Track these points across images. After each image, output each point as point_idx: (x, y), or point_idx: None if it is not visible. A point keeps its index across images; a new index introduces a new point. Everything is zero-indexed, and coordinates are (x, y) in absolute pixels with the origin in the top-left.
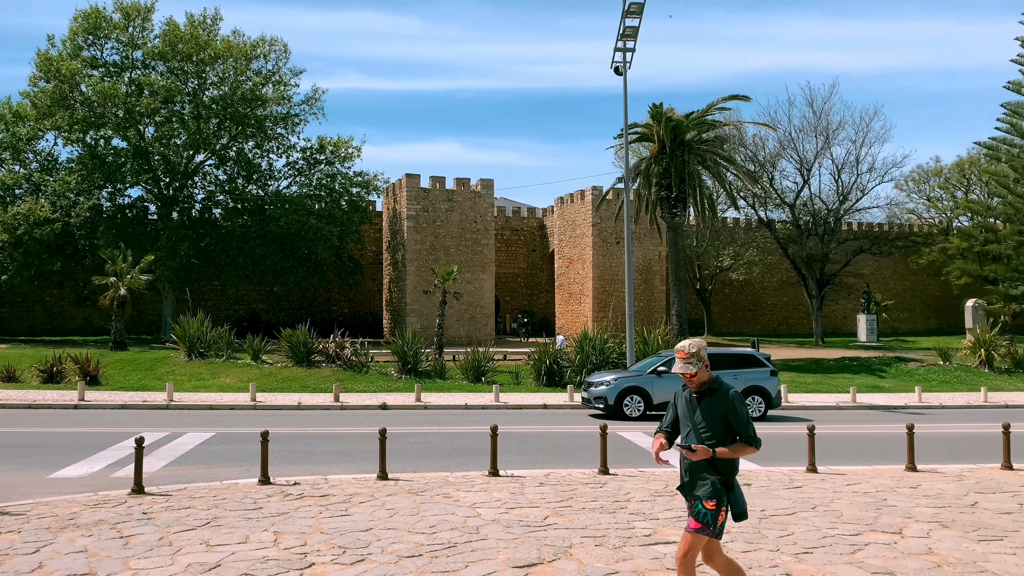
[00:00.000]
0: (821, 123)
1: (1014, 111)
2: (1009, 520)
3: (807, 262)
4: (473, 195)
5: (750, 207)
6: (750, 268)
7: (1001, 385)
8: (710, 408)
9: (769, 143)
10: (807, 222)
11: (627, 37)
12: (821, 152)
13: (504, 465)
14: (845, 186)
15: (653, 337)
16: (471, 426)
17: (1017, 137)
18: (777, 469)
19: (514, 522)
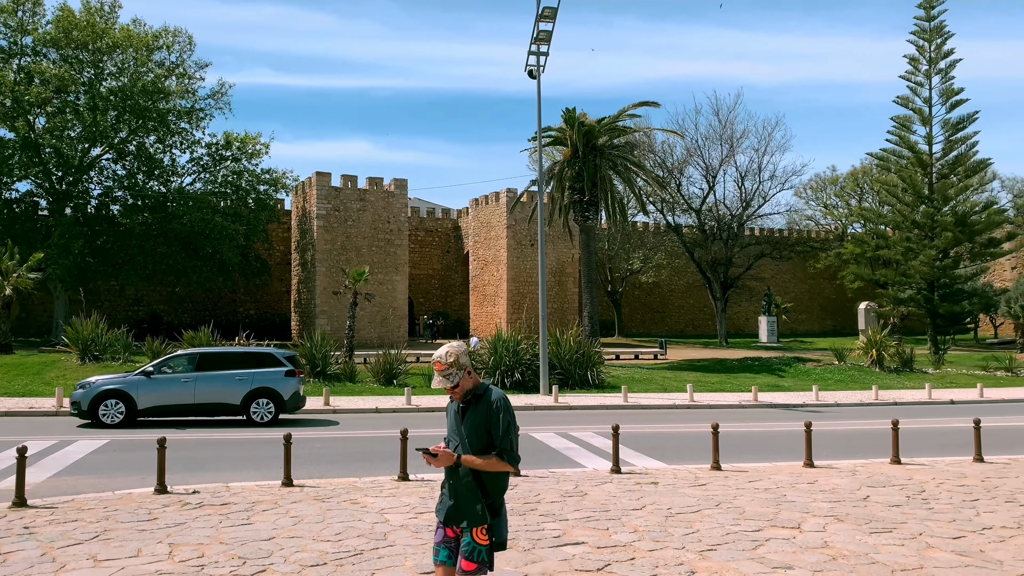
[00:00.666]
0: (726, 131)
1: (902, 125)
2: (898, 512)
3: (712, 266)
4: (386, 195)
5: (659, 212)
6: (659, 271)
7: (891, 383)
8: (475, 418)
9: (677, 150)
10: (712, 227)
11: (541, 41)
12: (726, 159)
13: (414, 469)
14: (748, 193)
15: (566, 338)
16: (381, 430)
17: (905, 149)
18: (683, 467)
19: (423, 527)
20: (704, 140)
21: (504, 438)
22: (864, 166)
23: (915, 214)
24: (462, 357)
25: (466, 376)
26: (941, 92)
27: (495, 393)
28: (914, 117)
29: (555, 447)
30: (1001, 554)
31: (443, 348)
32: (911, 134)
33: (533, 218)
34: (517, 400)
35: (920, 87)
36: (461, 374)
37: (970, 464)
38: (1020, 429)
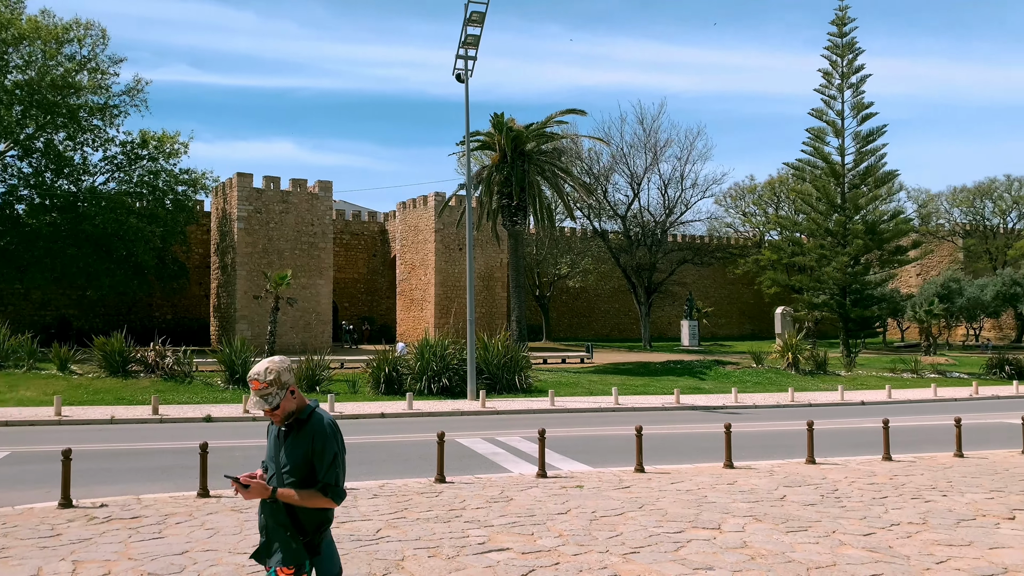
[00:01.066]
0: (650, 140)
1: (817, 136)
2: (813, 511)
3: (637, 271)
4: (310, 197)
5: (586, 218)
6: (585, 276)
7: (805, 385)
8: (297, 446)
9: (603, 157)
10: (637, 233)
11: (469, 45)
12: (650, 167)
13: None
14: (671, 200)
15: (493, 343)
16: None
17: (819, 160)
18: (608, 470)
19: (344, 537)
20: (629, 148)
21: (329, 471)
22: (781, 176)
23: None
24: (284, 374)
25: (288, 397)
26: (853, 106)
27: (322, 418)
28: (828, 129)
29: (481, 453)
30: (908, 549)
31: (262, 363)
32: (825, 145)
33: (462, 222)
34: (444, 405)
35: (833, 100)
36: (283, 394)
37: (880, 463)
38: (925, 428)
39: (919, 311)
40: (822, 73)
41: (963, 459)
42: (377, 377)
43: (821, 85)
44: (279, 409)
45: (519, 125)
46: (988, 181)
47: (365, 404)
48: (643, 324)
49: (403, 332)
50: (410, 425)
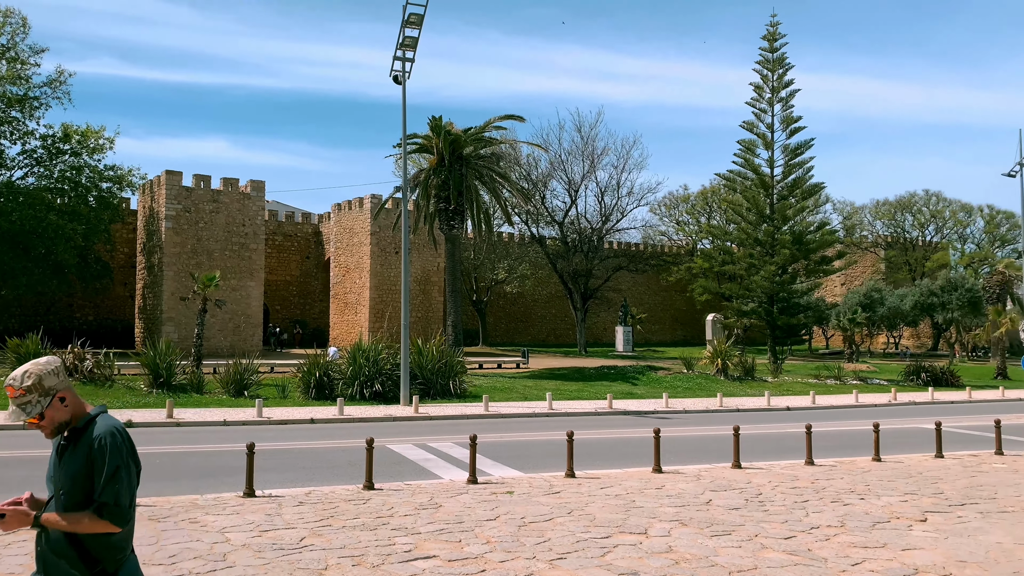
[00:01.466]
0: (588, 148)
1: (748, 148)
2: (737, 515)
3: (573, 277)
4: (242, 197)
5: (524, 223)
6: (523, 281)
7: (734, 391)
8: (73, 461)
9: (542, 163)
10: (574, 239)
11: (406, 47)
12: (587, 175)
13: (262, 484)
14: (607, 208)
15: (428, 348)
16: (228, 444)
17: (750, 171)
18: (539, 475)
19: (267, 546)
20: (567, 155)
21: (107, 489)
22: (713, 186)
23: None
24: (48, 378)
25: (56, 405)
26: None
27: (103, 425)
28: (758, 141)
29: (412, 459)
30: (826, 552)
31: (21, 367)
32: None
33: (398, 225)
34: (376, 411)
35: (764, 114)
36: (47, 401)
37: (802, 467)
38: (846, 433)
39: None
40: (754, 87)
41: (881, 463)
42: (307, 382)
43: (752, 98)
44: (45, 420)
45: (457, 129)
46: (908, 195)
47: (294, 409)
48: (579, 330)
49: (336, 336)
50: (340, 431)
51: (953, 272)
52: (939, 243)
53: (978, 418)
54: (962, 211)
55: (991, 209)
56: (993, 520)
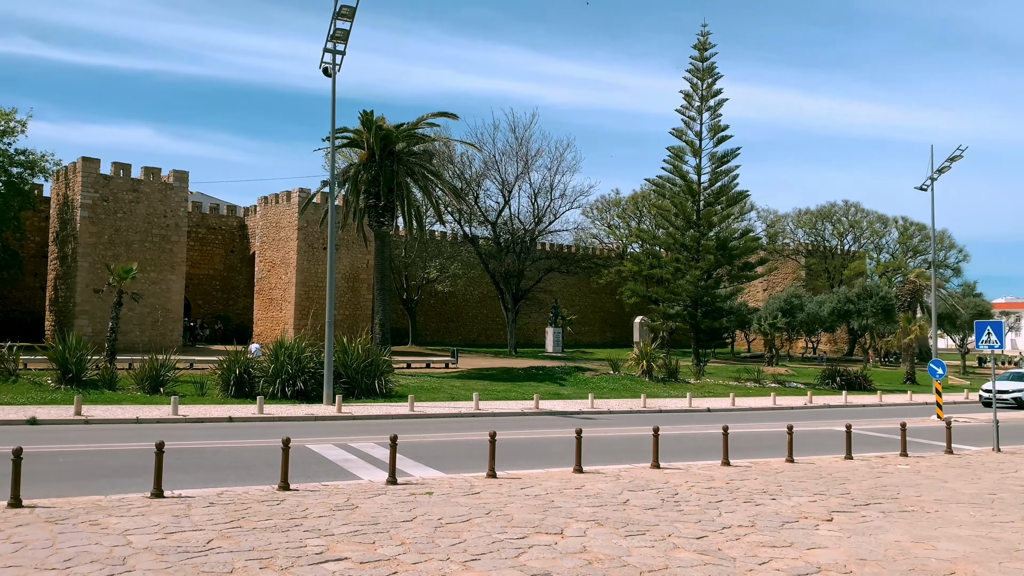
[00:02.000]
0: (522, 149)
1: (676, 155)
2: (652, 515)
3: (505, 277)
4: (164, 187)
5: (456, 222)
6: (454, 281)
7: (658, 392)
8: None
9: (476, 163)
10: (507, 240)
11: (337, 39)
12: (521, 176)
13: (173, 485)
14: (540, 209)
15: (354, 346)
16: (139, 443)
17: (678, 177)
18: (460, 476)
19: (171, 548)
20: (501, 155)
21: None
22: (643, 191)
23: (684, 237)
24: None
25: None
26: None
27: None
28: (687, 149)
29: (332, 459)
30: (735, 551)
31: None
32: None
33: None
34: (298, 410)
35: (693, 121)
36: None
37: (719, 467)
38: (763, 435)
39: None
40: (683, 95)
41: (794, 464)
42: (227, 379)
43: (682, 106)
44: None
45: (389, 124)
46: (829, 205)
47: (212, 407)
48: (510, 330)
49: (260, 333)
50: (259, 430)
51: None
52: (856, 252)
53: (887, 421)
54: (878, 222)
55: (905, 221)
56: (894, 519)
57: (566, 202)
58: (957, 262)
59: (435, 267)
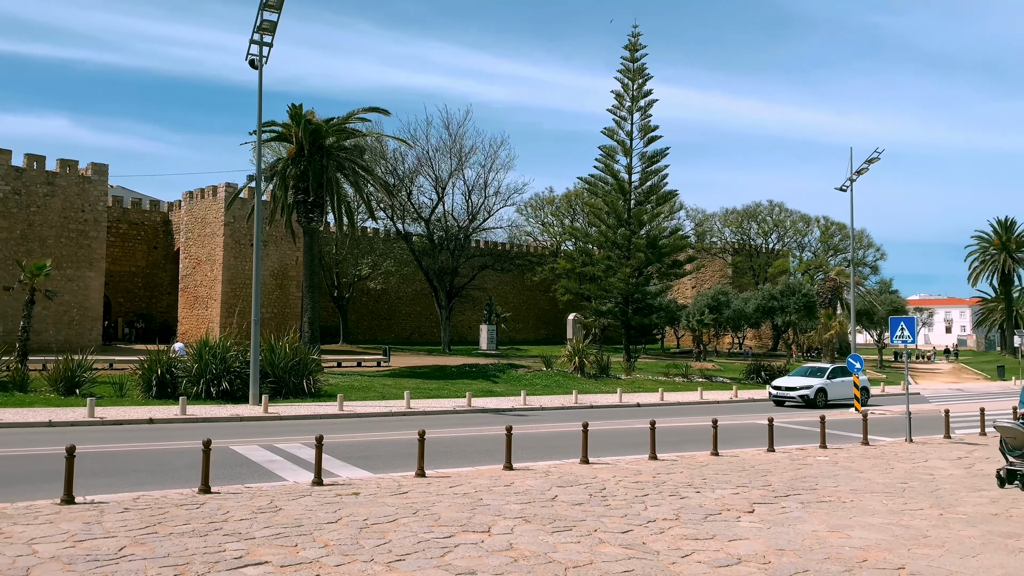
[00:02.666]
0: (456, 146)
1: (608, 154)
2: (579, 511)
3: (439, 275)
4: (82, 180)
5: (389, 219)
6: (387, 278)
7: (589, 388)
8: None
9: (409, 159)
10: (441, 237)
11: (264, 31)
12: (455, 173)
13: (86, 490)
14: (474, 206)
15: (281, 345)
16: (51, 447)
17: (609, 176)
18: (388, 475)
19: (79, 557)
20: (435, 152)
21: None
22: (577, 189)
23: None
24: None
25: None
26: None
27: None
28: (618, 148)
29: (256, 460)
30: (659, 544)
31: None
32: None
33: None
34: (223, 411)
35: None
36: None
37: (646, 462)
38: (690, 428)
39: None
40: (615, 95)
41: (718, 457)
42: (148, 379)
43: (614, 106)
44: None
45: (319, 118)
46: (754, 205)
47: (132, 409)
48: (444, 328)
49: (186, 331)
50: (182, 432)
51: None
52: (780, 250)
53: (809, 414)
54: (801, 221)
55: (826, 220)
56: (812, 509)
57: (500, 199)
58: (875, 260)
59: (367, 264)
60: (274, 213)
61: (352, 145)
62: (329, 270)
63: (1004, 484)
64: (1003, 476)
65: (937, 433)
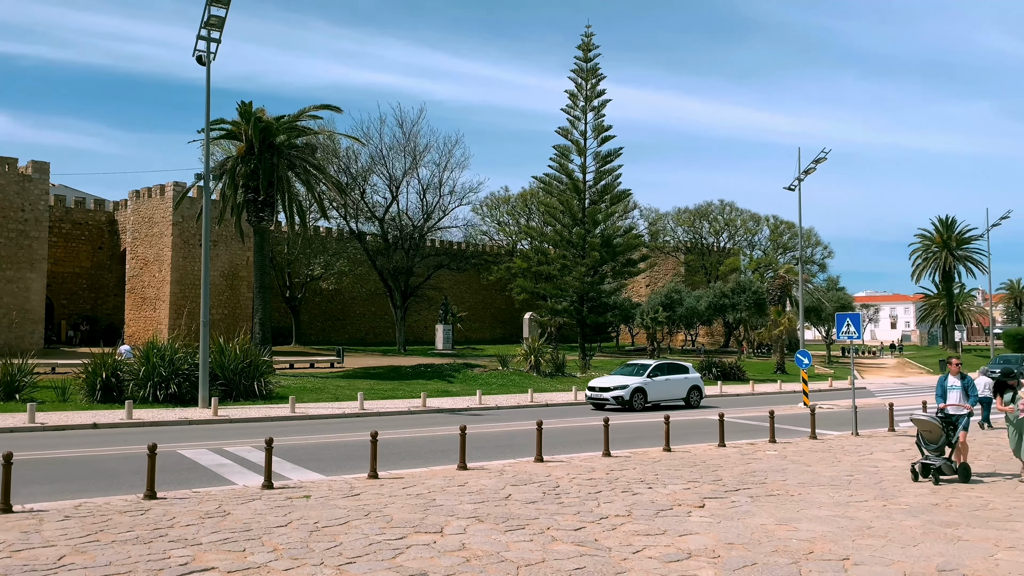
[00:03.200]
0: (410, 144)
1: (562, 153)
2: (533, 509)
3: (393, 274)
4: (21, 179)
5: (342, 218)
6: (340, 278)
7: (545, 387)
8: None
9: (362, 158)
10: (395, 236)
11: (212, 26)
12: (409, 171)
13: (26, 498)
14: (429, 205)
15: (231, 346)
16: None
17: (564, 176)
18: (340, 478)
19: (16, 568)
20: (388, 150)
21: None
22: (532, 188)
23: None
24: None
25: None
26: (594, 127)
27: None
28: (572, 147)
29: (205, 464)
30: (611, 541)
31: None
32: (570, 163)
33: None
34: (171, 414)
35: (578, 121)
36: None
37: (600, 459)
38: (643, 424)
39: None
40: (569, 95)
41: (671, 453)
42: (92, 383)
43: (567, 106)
44: None
45: (269, 116)
46: (706, 204)
47: (76, 414)
48: (399, 328)
49: (133, 334)
50: (127, 436)
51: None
52: (732, 249)
53: (758, 409)
54: (751, 220)
55: (776, 219)
56: (761, 503)
57: (455, 199)
58: (823, 258)
59: (320, 264)
60: (224, 212)
61: (304, 143)
62: (281, 270)
63: (918, 478)
64: (917, 471)
65: (882, 426)
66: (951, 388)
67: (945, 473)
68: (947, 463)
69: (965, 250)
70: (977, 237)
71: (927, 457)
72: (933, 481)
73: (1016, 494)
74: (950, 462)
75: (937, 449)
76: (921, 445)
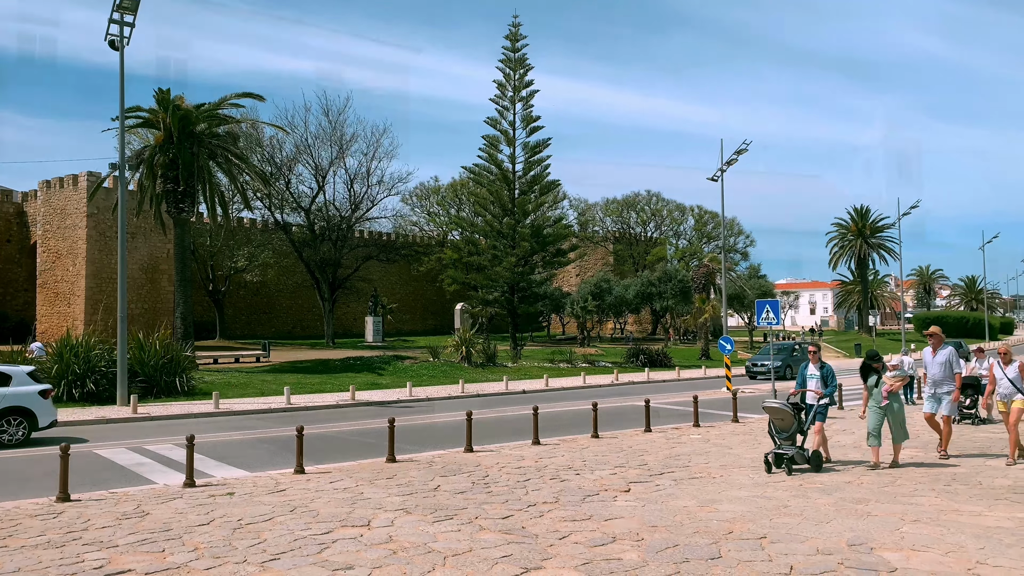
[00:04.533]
0: (336, 133)
1: (491, 144)
2: (461, 499)
3: (321, 266)
4: None
5: (266, 209)
6: (265, 270)
7: (476, 377)
8: None
9: (287, 147)
10: (322, 227)
11: (125, 9)
12: (336, 161)
13: None
14: (357, 195)
15: (151, 342)
16: None
17: (494, 166)
18: (265, 474)
19: None
20: (314, 139)
21: None
22: (462, 179)
23: (501, 225)
24: None
25: None
26: (523, 118)
27: None
28: (501, 138)
29: (123, 464)
30: (539, 528)
31: None
32: (499, 153)
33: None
34: (87, 413)
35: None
36: None
37: (529, 447)
38: (572, 412)
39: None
40: (497, 85)
41: (599, 440)
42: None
43: (496, 96)
44: None
45: (188, 104)
46: (634, 195)
47: None
48: (327, 321)
49: (45, 331)
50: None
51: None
52: (658, 239)
53: (684, 395)
54: (677, 210)
55: (700, 209)
56: (684, 486)
57: (384, 189)
58: (745, 247)
59: (243, 256)
60: (142, 203)
61: (225, 132)
62: (203, 263)
63: (771, 469)
64: (770, 461)
65: None
66: (810, 377)
67: (798, 462)
68: (800, 452)
69: (879, 238)
70: (889, 226)
71: (780, 447)
72: (786, 471)
73: (868, 481)
74: (803, 450)
75: (789, 437)
76: (773, 434)
